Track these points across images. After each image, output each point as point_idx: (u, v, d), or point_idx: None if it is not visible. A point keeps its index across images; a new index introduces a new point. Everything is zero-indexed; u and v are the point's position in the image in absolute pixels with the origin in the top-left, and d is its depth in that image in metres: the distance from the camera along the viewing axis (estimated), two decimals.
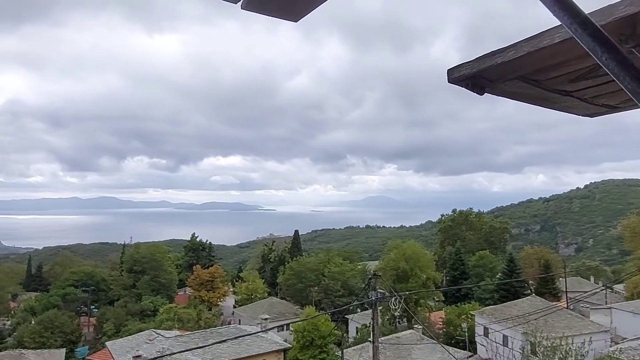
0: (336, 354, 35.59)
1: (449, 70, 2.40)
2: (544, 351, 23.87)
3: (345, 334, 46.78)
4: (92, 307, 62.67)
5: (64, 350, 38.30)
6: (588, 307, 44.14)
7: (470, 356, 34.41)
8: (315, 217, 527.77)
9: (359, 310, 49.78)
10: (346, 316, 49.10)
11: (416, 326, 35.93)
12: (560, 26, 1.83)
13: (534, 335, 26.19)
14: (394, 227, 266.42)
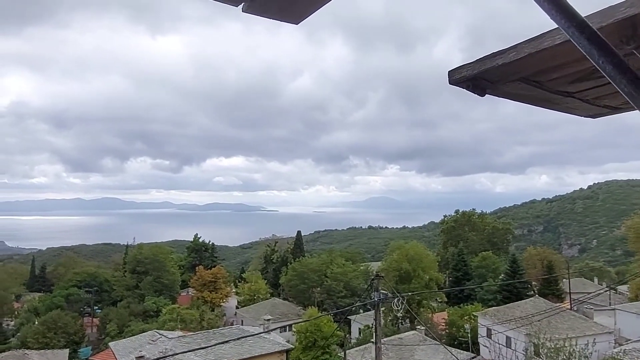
0: (339, 354, 35.55)
1: (450, 71, 2.41)
2: (547, 353, 23.80)
3: (347, 335, 46.75)
4: (95, 307, 62.88)
5: (67, 351, 38.43)
6: (592, 309, 43.92)
7: (473, 357, 34.30)
8: (318, 218, 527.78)
9: (361, 311, 49.80)
10: (349, 317, 49.10)
11: (419, 327, 35.88)
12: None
13: (537, 337, 26.09)
14: (397, 228, 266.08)
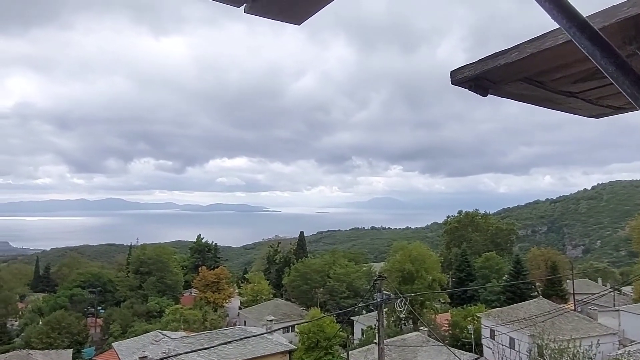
0: (341, 355, 35.56)
1: (452, 72, 2.40)
2: (551, 354, 23.67)
3: (350, 336, 46.73)
4: (99, 308, 63.14)
5: (71, 351, 38.49)
6: (596, 310, 43.75)
7: (477, 359, 34.19)
8: (321, 219, 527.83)
9: (364, 311, 49.77)
10: (351, 318, 49.05)
11: (422, 328, 35.79)
12: None
13: (541, 338, 25.96)
14: (400, 228, 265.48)
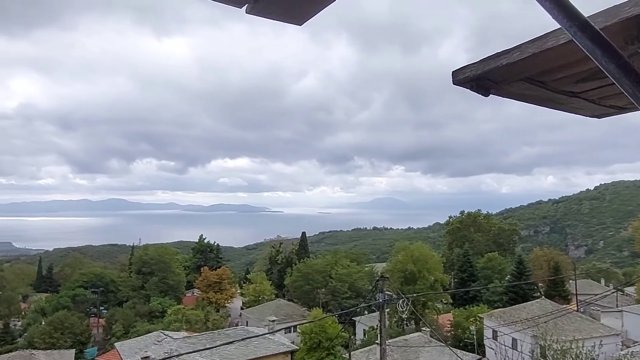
0: (343, 356, 35.50)
1: (453, 72, 2.40)
2: (553, 354, 23.61)
3: (352, 336, 46.66)
4: (102, 308, 63.15)
5: (74, 351, 38.59)
6: (599, 310, 43.63)
7: (479, 359, 34.12)
8: (323, 219, 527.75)
9: (366, 312, 49.75)
10: (353, 318, 49.04)
11: (424, 329, 35.72)
12: None
13: (543, 339, 25.89)
14: (402, 228, 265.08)
